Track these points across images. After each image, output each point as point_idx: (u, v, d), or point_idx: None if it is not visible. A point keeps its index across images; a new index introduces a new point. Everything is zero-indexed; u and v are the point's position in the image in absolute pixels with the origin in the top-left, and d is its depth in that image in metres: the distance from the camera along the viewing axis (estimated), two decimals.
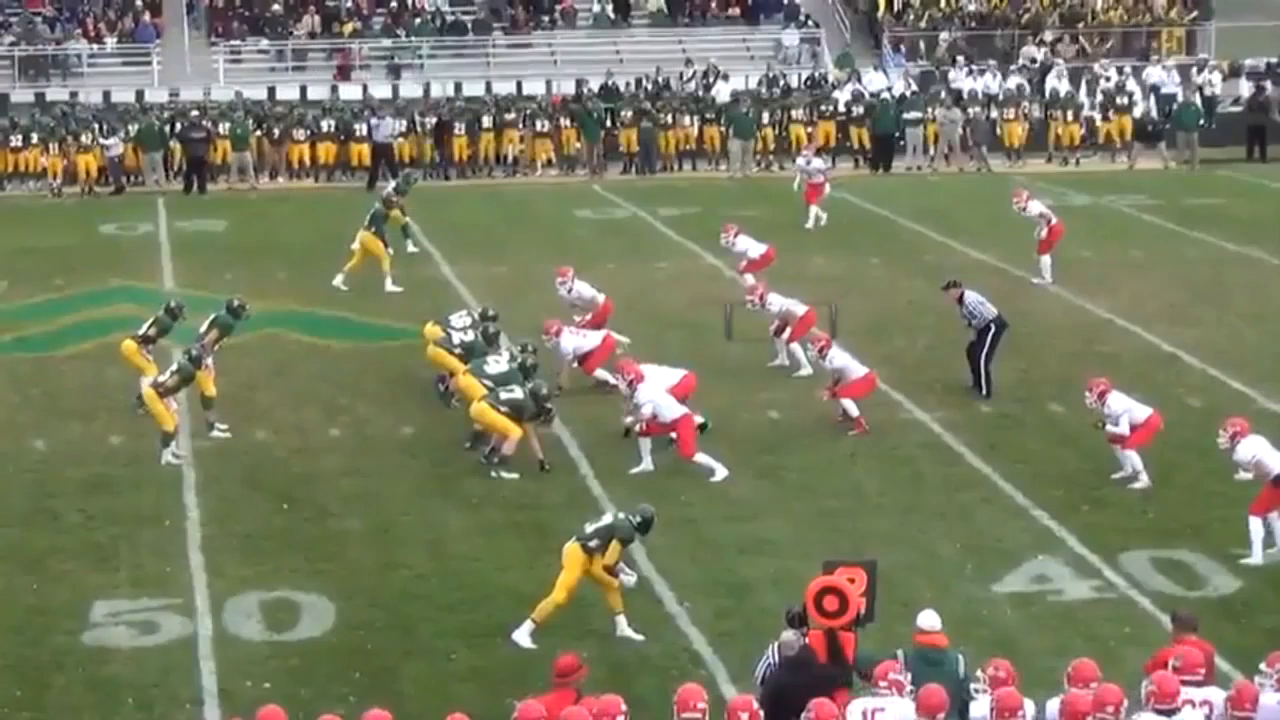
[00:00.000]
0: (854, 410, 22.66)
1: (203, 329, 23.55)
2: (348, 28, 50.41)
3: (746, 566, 18.33)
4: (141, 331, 23.45)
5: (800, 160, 37.75)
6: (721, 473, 20.91)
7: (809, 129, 44.73)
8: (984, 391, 24.08)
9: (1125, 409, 20.66)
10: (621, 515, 16.91)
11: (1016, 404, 23.88)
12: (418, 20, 50.73)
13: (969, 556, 18.63)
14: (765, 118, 44.60)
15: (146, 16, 49.67)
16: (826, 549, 16.97)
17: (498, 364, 22.13)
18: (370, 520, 19.88)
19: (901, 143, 44.87)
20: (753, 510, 20.09)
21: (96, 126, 41.64)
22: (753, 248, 29.67)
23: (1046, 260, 30.71)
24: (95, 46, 49.05)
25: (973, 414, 23.49)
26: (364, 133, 42.58)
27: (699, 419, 21.93)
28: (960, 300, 24.39)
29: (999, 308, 24.48)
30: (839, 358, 22.88)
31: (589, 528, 16.73)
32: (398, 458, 22.04)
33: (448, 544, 19.16)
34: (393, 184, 33.59)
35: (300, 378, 25.35)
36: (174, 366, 22.03)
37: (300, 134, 42.86)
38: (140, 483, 21.10)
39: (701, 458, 21.00)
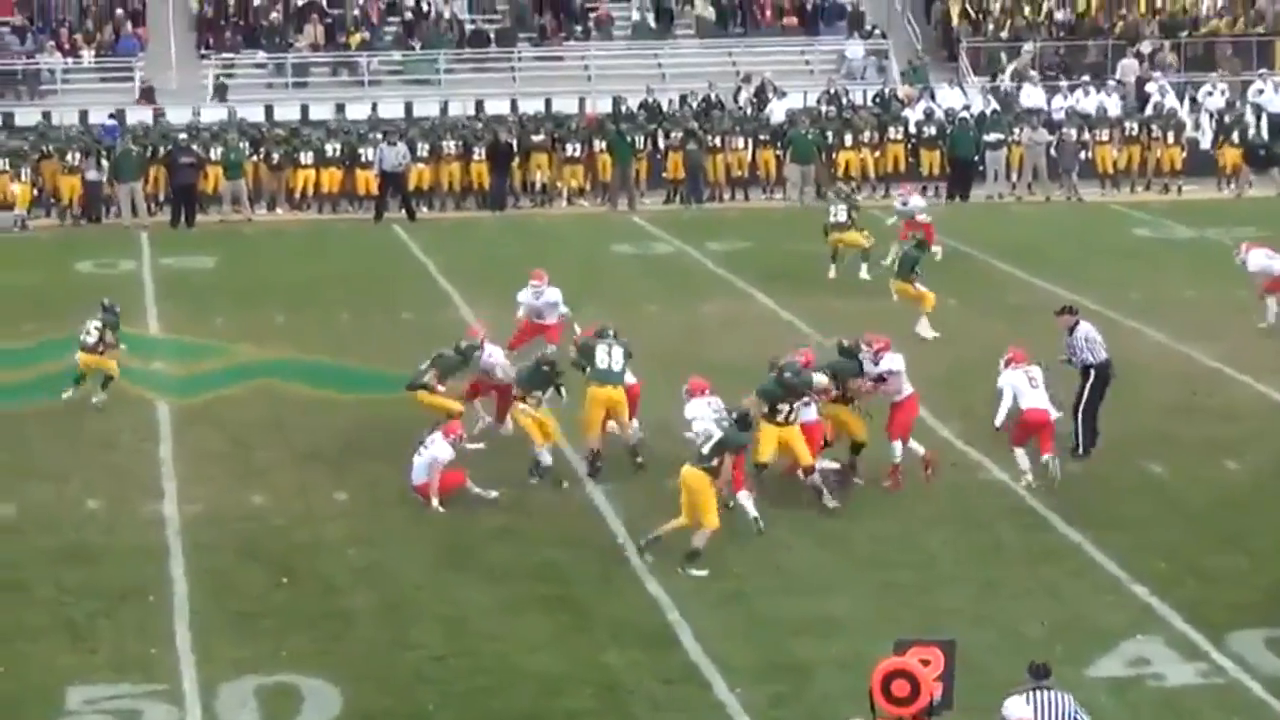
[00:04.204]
0: (900, 453, 22.82)
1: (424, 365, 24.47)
2: (355, 39, 50.65)
3: (806, 647, 18.32)
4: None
5: (897, 202, 37.16)
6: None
7: (875, 153, 44.76)
8: (1080, 449, 23.99)
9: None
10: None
11: (1111, 464, 23.83)
12: (435, 30, 51.00)
13: (1058, 636, 18.59)
14: (848, 139, 44.71)
15: (128, 26, 49.93)
16: (897, 627, 16.98)
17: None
18: (380, 595, 19.92)
19: (981, 168, 44.89)
20: (814, 584, 20.09)
21: (77, 150, 41.81)
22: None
23: (1272, 302, 30.71)
24: (70, 60, 49.41)
25: (1063, 475, 23.46)
26: (370, 158, 42.80)
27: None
28: (1071, 330, 24.11)
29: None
30: (892, 362, 22.98)
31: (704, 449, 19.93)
32: (411, 524, 22.10)
33: (467, 622, 19.19)
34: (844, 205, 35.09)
35: (301, 434, 25.42)
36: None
37: (307, 158, 43.07)
38: (121, 552, 21.17)
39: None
